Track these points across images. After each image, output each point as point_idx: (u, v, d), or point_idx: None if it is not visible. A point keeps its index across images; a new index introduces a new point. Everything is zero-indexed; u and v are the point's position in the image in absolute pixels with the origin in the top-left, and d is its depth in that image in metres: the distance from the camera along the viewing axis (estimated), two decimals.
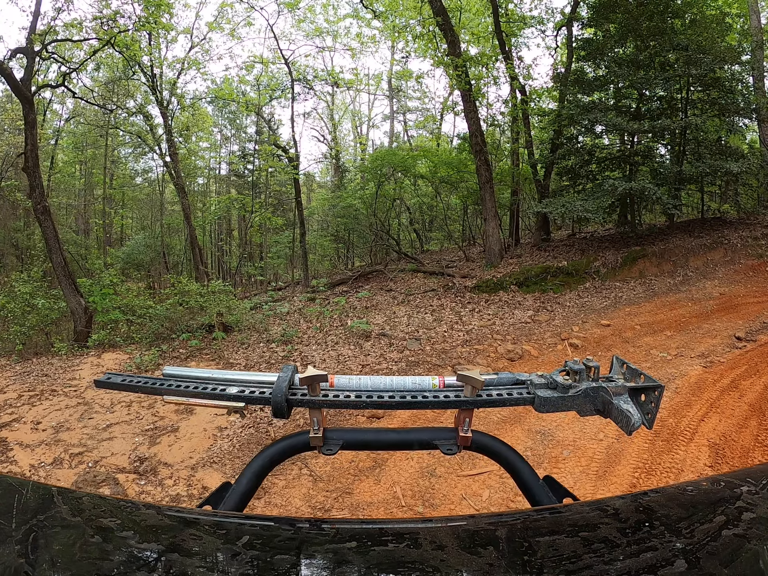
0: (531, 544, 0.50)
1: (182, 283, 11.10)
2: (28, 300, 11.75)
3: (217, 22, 17.96)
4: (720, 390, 5.50)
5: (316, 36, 18.44)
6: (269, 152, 19.32)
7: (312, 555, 0.48)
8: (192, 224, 17.34)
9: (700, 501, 0.60)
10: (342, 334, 8.51)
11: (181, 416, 6.10)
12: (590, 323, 8.50)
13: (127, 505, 0.64)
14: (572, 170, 14.26)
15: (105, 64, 19.40)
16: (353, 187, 19.54)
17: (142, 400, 6.90)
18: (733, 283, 10.40)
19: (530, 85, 16.27)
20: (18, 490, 0.59)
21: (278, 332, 9.03)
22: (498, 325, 8.78)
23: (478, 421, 4.53)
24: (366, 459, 4.17)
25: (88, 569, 0.43)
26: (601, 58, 13.19)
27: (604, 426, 4.60)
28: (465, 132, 17.07)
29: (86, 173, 24.53)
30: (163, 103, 17.13)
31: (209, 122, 26.36)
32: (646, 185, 10.80)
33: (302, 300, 12.42)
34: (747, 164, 11.43)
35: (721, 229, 12.75)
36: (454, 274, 13.05)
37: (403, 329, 8.61)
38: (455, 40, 13.07)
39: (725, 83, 12.26)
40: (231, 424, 5.46)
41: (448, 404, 0.75)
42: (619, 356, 0.84)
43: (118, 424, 6.05)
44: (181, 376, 0.83)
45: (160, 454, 5.07)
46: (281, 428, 5.02)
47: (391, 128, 29.02)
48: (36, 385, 7.74)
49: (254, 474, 0.77)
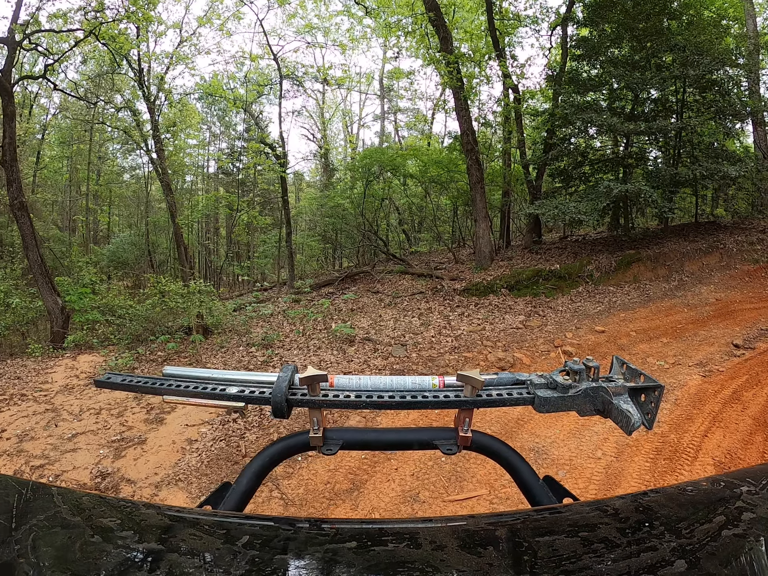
0: (531, 544, 0.50)
1: (162, 283, 10.66)
2: (2, 299, 11.35)
3: (207, 17, 17.69)
4: (722, 402, 5.28)
5: (306, 32, 18.12)
6: (257, 150, 18.94)
7: (312, 555, 0.46)
8: (177, 222, 16.92)
9: (700, 501, 0.60)
10: (325, 339, 8.13)
11: (150, 426, 5.73)
12: (584, 329, 8.19)
13: (127, 505, 0.63)
14: (565, 172, 14.15)
15: (93, 58, 19.00)
16: (342, 187, 19.20)
17: (112, 407, 6.59)
18: (729, 288, 10.20)
19: (524, 84, 16.08)
20: (18, 490, 0.59)
21: (259, 335, 8.65)
22: (488, 330, 8.44)
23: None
24: (343, 481, 3.81)
25: (88, 569, 0.43)
26: (596, 58, 13.00)
27: (602, 443, 4.29)
28: (456, 131, 16.83)
29: (71, 169, 23.98)
30: (150, 98, 16.76)
31: (197, 118, 25.96)
32: (643, 187, 10.55)
33: (287, 301, 12.04)
34: (745, 168, 11.22)
35: (716, 233, 12.55)
36: (443, 277, 12.73)
37: (389, 334, 8.25)
38: (448, 36, 12.76)
39: (723, 85, 12.14)
40: (201, 436, 5.09)
41: (448, 404, 0.75)
42: (619, 356, 0.83)
43: (84, 434, 5.76)
44: (181, 376, 0.83)
45: (124, 469, 4.72)
46: (253, 443, 4.64)
47: (381, 128, 28.74)
48: (7, 388, 7.49)
49: (254, 474, 0.77)
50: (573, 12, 14.19)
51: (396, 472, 3.85)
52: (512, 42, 15.94)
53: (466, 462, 3.93)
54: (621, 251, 12.26)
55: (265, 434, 4.74)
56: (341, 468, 3.95)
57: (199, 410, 5.83)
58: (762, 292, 9.89)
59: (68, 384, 7.80)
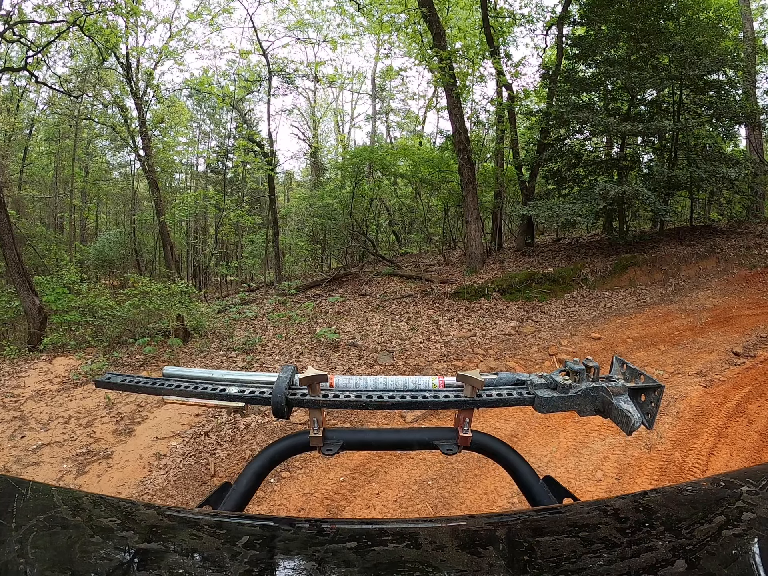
0: (531, 544, 0.50)
1: (143, 283, 10.26)
2: None
3: (198, 12, 17.40)
4: (726, 416, 5.01)
5: (297, 28, 17.79)
6: (244, 147, 18.59)
7: (312, 555, 0.46)
8: (164, 220, 16.56)
9: (700, 501, 0.59)
10: (308, 344, 7.76)
11: (119, 438, 5.37)
12: (579, 336, 7.88)
13: (127, 505, 0.62)
14: (558, 173, 13.99)
15: (83, 53, 18.65)
16: (331, 187, 18.85)
17: (81, 416, 6.27)
18: (727, 294, 9.97)
19: (518, 82, 15.82)
20: (18, 490, 0.59)
21: (241, 339, 8.28)
22: (479, 336, 8.10)
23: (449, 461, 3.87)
24: (319, 507, 3.43)
25: (88, 569, 0.43)
26: (593, 58, 12.78)
27: (602, 462, 3.98)
28: (448, 131, 16.55)
29: (57, 165, 23.51)
30: (137, 94, 16.39)
31: (186, 115, 25.56)
32: (641, 189, 10.28)
33: (272, 303, 11.66)
34: (745, 170, 11.02)
35: (712, 237, 12.34)
36: (432, 279, 12.35)
37: (375, 339, 7.87)
38: (441, 32, 12.44)
39: (722, 87, 12.02)
40: (171, 450, 4.73)
41: (448, 404, 0.74)
42: (619, 356, 0.83)
43: (50, 446, 5.43)
44: (181, 376, 0.82)
45: (86, 487, 4.39)
46: (224, 460, 4.28)
47: (372, 128, 28.39)
48: None
49: (254, 474, 0.76)
50: (569, 11, 13.96)
51: (377, 497, 3.48)
52: (506, 41, 15.66)
53: (455, 486, 3.59)
54: (616, 254, 11.98)
55: (237, 450, 4.37)
56: (317, 492, 3.58)
57: (170, 422, 5.49)
58: (760, 297, 9.68)
59: (41, 389, 7.48)
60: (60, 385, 7.60)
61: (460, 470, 3.76)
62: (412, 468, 3.80)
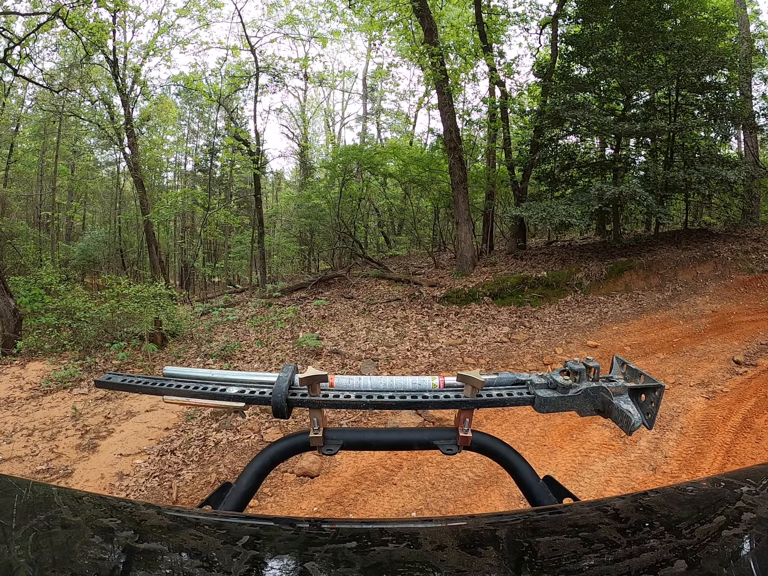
0: (531, 544, 0.49)
1: (121, 285, 9.82)
2: None
3: (186, 7, 17.02)
4: (733, 431, 4.74)
5: (286, 24, 17.40)
6: (230, 145, 18.20)
7: (312, 555, 0.46)
8: (149, 219, 16.13)
9: (700, 501, 0.59)
10: (290, 350, 7.36)
11: (81, 454, 4.98)
12: (575, 344, 7.55)
13: (127, 505, 0.62)
14: (551, 174, 13.75)
15: (70, 47, 18.23)
16: (320, 187, 18.45)
17: (46, 428, 5.90)
18: (725, 299, 9.72)
19: (512, 80, 15.52)
20: (18, 489, 0.58)
21: (220, 344, 7.87)
22: (469, 344, 7.73)
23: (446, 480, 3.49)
24: None
25: (88, 569, 0.42)
26: (588, 56, 12.51)
27: (604, 486, 3.63)
28: (439, 130, 16.21)
29: (42, 162, 23.01)
30: (124, 91, 15.97)
31: (174, 113, 25.14)
32: (638, 190, 9.97)
33: (256, 306, 11.24)
34: (745, 172, 10.78)
35: (709, 241, 12.09)
36: (421, 282, 11.96)
37: (360, 346, 7.49)
38: (432, 27, 12.10)
39: (720, 88, 11.86)
40: (135, 470, 4.34)
41: (448, 404, 0.74)
42: (619, 356, 0.83)
43: (9, 461, 5.06)
44: (181, 376, 0.82)
45: None
46: (188, 483, 3.89)
47: (363, 128, 28.15)
48: None
49: (255, 474, 0.75)
50: (564, 9, 13.69)
51: None
52: (499, 39, 15.37)
53: None
54: (611, 258, 11.68)
55: (203, 473, 3.97)
56: None
57: (137, 436, 5.10)
58: (758, 303, 9.46)
59: (9, 396, 7.10)
60: (30, 392, 7.22)
61: (448, 499, 3.38)
62: (395, 496, 3.42)
